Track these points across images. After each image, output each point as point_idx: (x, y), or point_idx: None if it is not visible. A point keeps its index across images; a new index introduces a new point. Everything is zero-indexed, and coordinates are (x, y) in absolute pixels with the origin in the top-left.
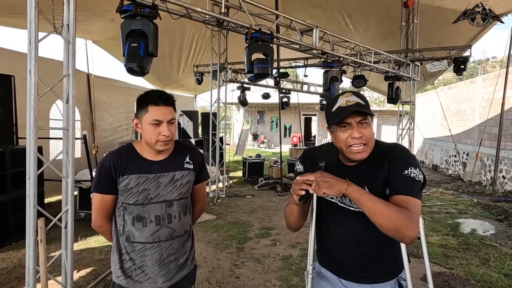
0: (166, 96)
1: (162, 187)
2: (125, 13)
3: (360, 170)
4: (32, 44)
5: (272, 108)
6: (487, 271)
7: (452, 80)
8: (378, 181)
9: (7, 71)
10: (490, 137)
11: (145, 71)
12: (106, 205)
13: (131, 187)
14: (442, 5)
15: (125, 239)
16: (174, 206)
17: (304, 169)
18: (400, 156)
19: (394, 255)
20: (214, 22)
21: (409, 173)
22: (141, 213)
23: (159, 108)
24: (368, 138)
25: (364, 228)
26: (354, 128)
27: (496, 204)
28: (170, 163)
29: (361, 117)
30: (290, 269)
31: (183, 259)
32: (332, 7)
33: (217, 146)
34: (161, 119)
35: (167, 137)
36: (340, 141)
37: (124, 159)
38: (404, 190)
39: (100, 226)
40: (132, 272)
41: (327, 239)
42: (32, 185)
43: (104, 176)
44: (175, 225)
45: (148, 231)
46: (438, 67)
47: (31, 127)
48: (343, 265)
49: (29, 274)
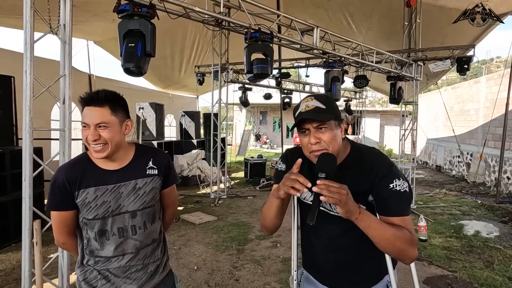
0: (97, 97)
1: (124, 198)
2: (122, 12)
3: (339, 174)
4: (27, 45)
5: (274, 109)
6: (491, 274)
7: (456, 80)
8: (359, 190)
9: (8, 72)
10: (494, 138)
11: (142, 71)
12: (66, 222)
13: (88, 201)
14: (445, 4)
15: (88, 253)
16: (138, 217)
17: (287, 168)
18: (382, 167)
19: (377, 261)
20: (213, 22)
21: (394, 186)
22: (103, 226)
23: (89, 110)
24: (328, 142)
25: (344, 233)
26: (312, 134)
27: (500, 206)
28: (130, 170)
29: (318, 122)
30: (290, 272)
31: (153, 266)
32: (334, 7)
33: (218, 147)
34: (87, 122)
35: (94, 142)
36: (303, 146)
37: (78, 171)
38: (395, 211)
39: (64, 242)
40: (97, 282)
41: (309, 243)
42: (28, 186)
43: (58, 192)
44: (140, 236)
45: (111, 244)
46: (441, 67)
47: (26, 128)
48: (323, 271)
49: (25, 276)
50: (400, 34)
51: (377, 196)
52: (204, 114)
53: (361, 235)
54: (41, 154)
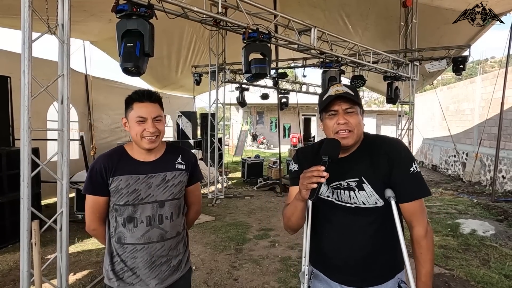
0: (150, 94)
1: (153, 188)
2: (121, 12)
3: (353, 161)
4: (25, 44)
5: (271, 109)
6: (488, 272)
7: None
8: (376, 175)
9: (4, 72)
10: (490, 137)
11: (141, 71)
12: (99, 207)
13: (121, 187)
14: (441, 5)
15: (116, 241)
16: (166, 207)
17: (300, 168)
18: (401, 152)
19: (392, 257)
20: (211, 22)
21: (414, 169)
22: (132, 213)
23: (144, 105)
24: (354, 125)
25: (360, 228)
26: (340, 115)
27: (496, 204)
28: (161, 163)
29: (348, 105)
30: (288, 271)
31: (175, 261)
32: (331, 7)
33: (215, 147)
34: (145, 116)
35: (151, 134)
36: (328, 127)
37: (114, 160)
38: (418, 192)
39: (94, 229)
40: (124, 274)
41: (322, 239)
42: (26, 187)
43: (95, 178)
44: (166, 226)
45: (138, 232)
46: (437, 67)
47: (25, 128)
48: (336, 268)
49: (23, 277)
50: (396, 34)
51: (398, 180)
52: (201, 115)
53: (377, 232)
54: (38, 155)
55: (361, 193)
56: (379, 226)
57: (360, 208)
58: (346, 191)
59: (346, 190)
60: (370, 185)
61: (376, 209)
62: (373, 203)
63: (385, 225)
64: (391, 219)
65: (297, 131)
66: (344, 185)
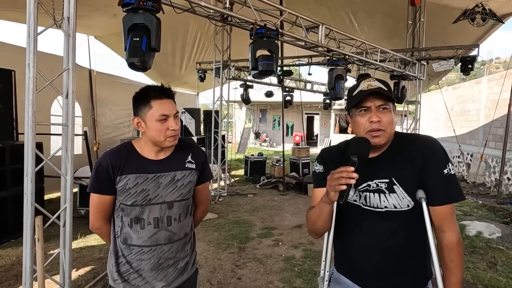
0: (168, 90)
1: (162, 188)
2: (127, 6)
3: (383, 162)
4: (30, 37)
5: (274, 107)
6: (495, 275)
7: (455, 80)
8: (408, 176)
9: (9, 66)
10: (495, 138)
11: (147, 66)
12: (104, 206)
13: (129, 187)
14: (449, 4)
15: (122, 241)
16: (175, 208)
17: (324, 169)
18: (435, 151)
19: (423, 263)
20: (218, 17)
21: (449, 170)
22: (139, 214)
23: (164, 102)
24: (387, 124)
25: (391, 233)
26: (373, 112)
27: (501, 207)
28: (170, 162)
29: (382, 101)
30: (293, 271)
31: (183, 262)
32: (337, 5)
33: (219, 144)
34: (168, 113)
35: (175, 131)
36: (359, 125)
37: (122, 157)
38: (452, 196)
39: (99, 227)
40: (129, 275)
41: (349, 244)
42: (30, 182)
43: (101, 176)
44: (175, 228)
45: (146, 233)
46: (445, 66)
47: (29, 122)
48: (364, 273)
49: (26, 273)
50: (403, 34)
51: (431, 182)
52: (204, 111)
53: (408, 236)
54: (41, 150)
55: (392, 195)
56: (410, 229)
57: (391, 212)
58: (376, 194)
59: (375, 193)
60: (402, 186)
61: (407, 212)
62: (405, 206)
63: (416, 228)
64: (422, 221)
65: (300, 129)
66: (373, 186)
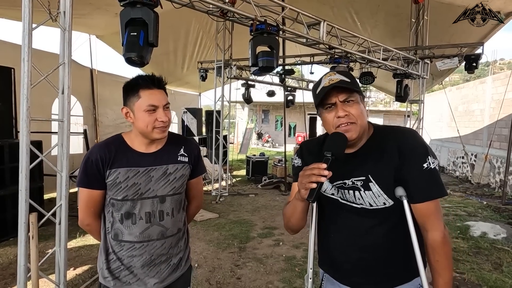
0: (159, 79)
1: (154, 181)
2: (125, 0)
3: (360, 158)
4: (26, 31)
5: (276, 107)
6: (500, 276)
7: (459, 81)
8: (386, 172)
9: (8, 64)
10: (500, 139)
11: (144, 61)
12: (94, 201)
13: (119, 181)
14: (453, 2)
15: (112, 237)
16: (167, 202)
17: (302, 163)
18: (413, 144)
19: (408, 262)
20: (218, 13)
21: (429, 165)
22: (131, 209)
23: (153, 92)
24: (356, 116)
25: (369, 229)
26: (339, 107)
27: (506, 207)
28: (162, 155)
29: (346, 95)
30: (293, 271)
31: (176, 259)
32: (340, 3)
33: (220, 144)
34: (156, 104)
35: (164, 123)
36: (327, 123)
37: (112, 151)
38: (432, 192)
39: (88, 224)
40: (120, 272)
41: (328, 240)
42: (24, 178)
43: (90, 170)
44: (167, 222)
45: (137, 229)
46: (449, 64)
47: (24, 117)
48: (344, 270)
49: (20, 271)
50: (406, 33)
51: (409, 177)
52: (206, 111)
53: (391, 234)
54: (40, 147)
55: (367, 193)
56: (392, 226)
57: (366, 209)
58: (351, 191)
59: (350, 190)
60: (378, 184)
61: (385, 209)
62: (381, 204)
63: (398, 226)
64: (405, 220)
65: (303, 130)
66: (348, 184)
